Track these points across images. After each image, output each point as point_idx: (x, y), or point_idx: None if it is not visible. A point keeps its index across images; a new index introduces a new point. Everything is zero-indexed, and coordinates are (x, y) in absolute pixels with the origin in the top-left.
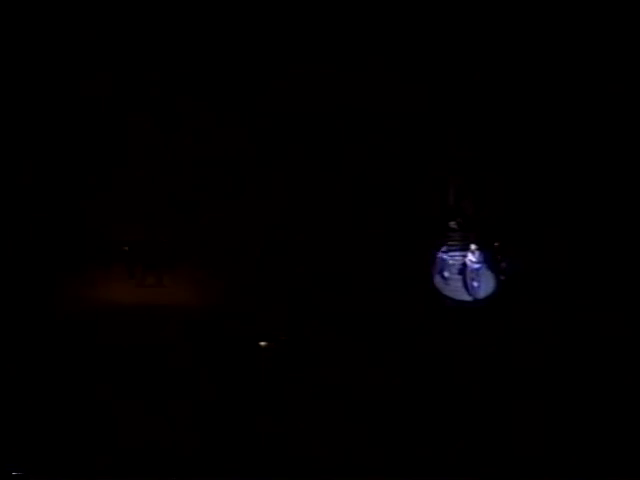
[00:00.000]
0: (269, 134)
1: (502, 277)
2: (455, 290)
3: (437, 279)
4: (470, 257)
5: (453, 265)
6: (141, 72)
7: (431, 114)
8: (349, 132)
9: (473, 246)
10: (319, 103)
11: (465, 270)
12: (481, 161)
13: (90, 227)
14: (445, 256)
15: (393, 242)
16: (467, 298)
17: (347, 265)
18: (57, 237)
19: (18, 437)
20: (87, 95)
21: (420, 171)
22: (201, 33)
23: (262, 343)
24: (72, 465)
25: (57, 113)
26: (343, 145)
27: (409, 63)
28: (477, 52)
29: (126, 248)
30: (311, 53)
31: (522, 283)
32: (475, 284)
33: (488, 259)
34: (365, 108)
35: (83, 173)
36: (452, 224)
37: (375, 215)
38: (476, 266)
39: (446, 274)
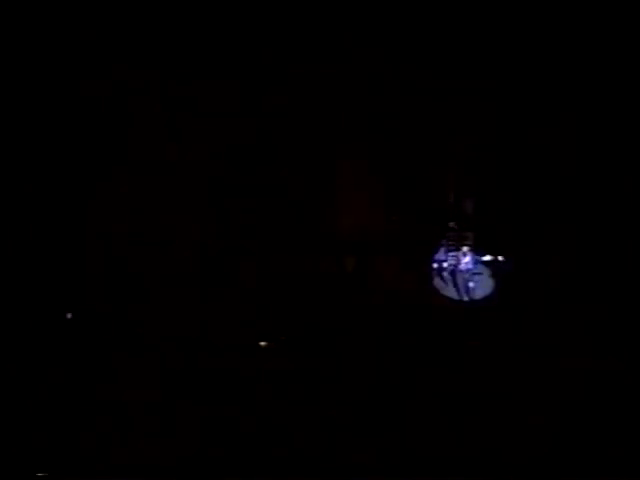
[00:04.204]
0: (270, 135)
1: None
2: (454, 290)
3: (436, 279)
4: (468, 257)
5: (452, 265)
6: (141, 72)
7: (431, 114)
8: (348, 132)
9: (472, 246)
10: (318, 103)
11: (463, 270)
12: (481, 160)
13: (91, 227)
14: (444, 256)
15: (392, 242)
16: (465, 298)
17: (349, 266)
18: (57, 237)
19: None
20: (87, 95)
21: (420, 171)
22: (201, 32)
23: (262, 343)
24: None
25: (57, 113)
26: (342, 145)
27: (409, 63)
28: (478, 52)
29: None
30: (311, 53)
31: (521, 283)
32: (472, 284)
33: (486, 260)
34: (365, 108)
35: (84, 173)
36: (451, 224)
37: (373, 216)
38: (473, 267)
39: (445, 274)
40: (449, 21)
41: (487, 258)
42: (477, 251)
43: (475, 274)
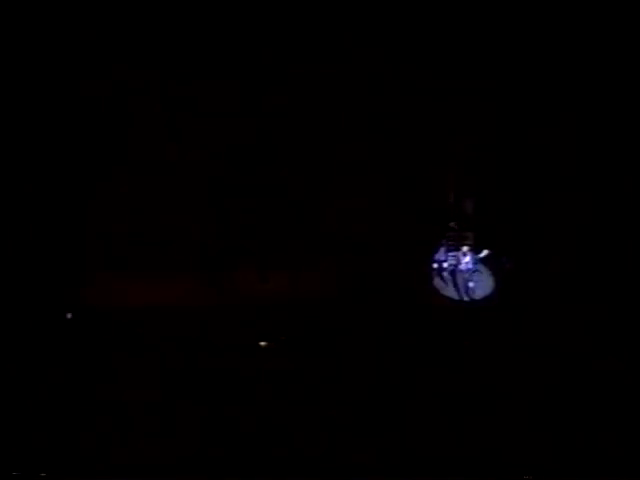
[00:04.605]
0: (270, 135)
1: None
2: (454, 290)
3: (436, 279)
4: (468, 257)
5: (451, 265)
6: (141, 72)
7: (431, 114)
8: (348, 132)
9: (471, 246)
10: (318, 103)
11: (463, 270)
12: (481, 160)
13: (91, 227)
14: (444, 256)
15: (393, 242)
16: (465, 298)
17: (348, 266)
18: (57, 237)
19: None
20: (87, 95)
21: (420, 171)
22: (201, 32)
23: (262, 343)
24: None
25: (57, 113)
26: (342, 145)
27: (409, 63)
28: (478, 52)
29: None
30: (311, 53)
31: (521, 283)
32: (472, 284)
33: (486, 259)
34: (365, 108)
35: (84, 173)
36: (452, 224)
37: (373, 216)
38: (473, 266)
39: (445, 274)
40: (449, 21)
41: (485, 253)
42: (477, 251)
43: (475, 272)
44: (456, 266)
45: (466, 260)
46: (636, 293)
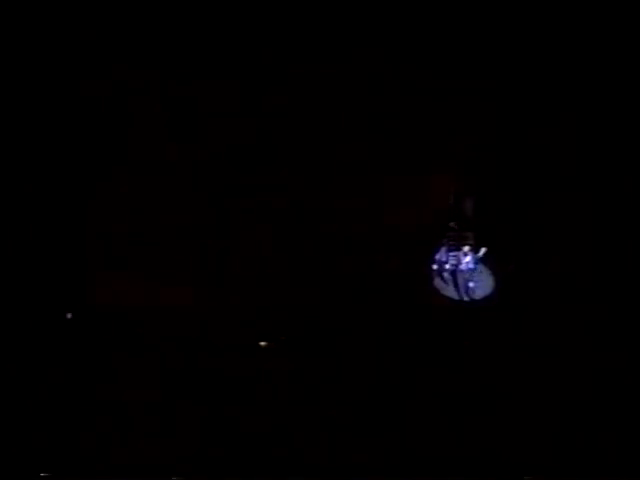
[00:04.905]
0: (270, 135)
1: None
2: (454, 290)
3: (436, 279)
4: (468, 257)
5: (452, 265)
6: (141, 72)
7: (431, 114)
8: (348, 132)
9: (471, 246)
10: (318, 103)
11: (463, 270)
12: (481, 160)
13: (91, 227)
14: (444, 256)
15: (393, 242)
16: (465, 298)
17: (348, 266)
18: (58, 237)
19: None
20: (87, 95)
21: (420, 171)
22: (201, 32)
23: (262, 343)
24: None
25: (57, 113)
26: (342, 145)
27: (409, 63)
28: (478, 52)
29: None
30: (311, 53)
31: (521, 283)
32: (472, 284)
33: (486, 259)
34: (365, 108)
35: (84, 173)
36: (452, 224)
37: (374, 216)
38: (474, 266)
39: (445, 274)
40: (449, 21)
41: (483, 251)
42: (477, 251)
43: (475, 274)
44: (457, 266)
45: (467, 260)
46: (636, 293)
